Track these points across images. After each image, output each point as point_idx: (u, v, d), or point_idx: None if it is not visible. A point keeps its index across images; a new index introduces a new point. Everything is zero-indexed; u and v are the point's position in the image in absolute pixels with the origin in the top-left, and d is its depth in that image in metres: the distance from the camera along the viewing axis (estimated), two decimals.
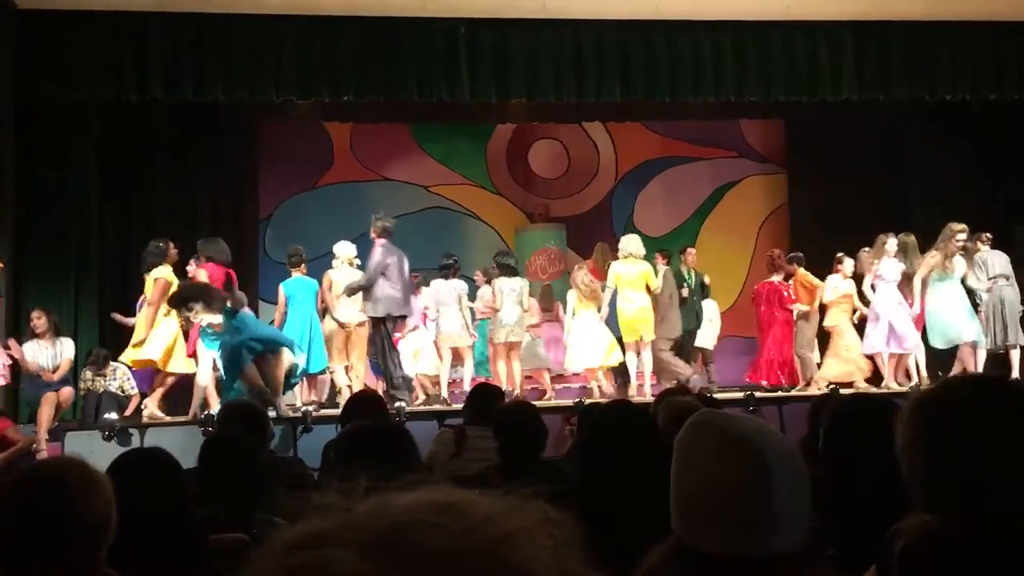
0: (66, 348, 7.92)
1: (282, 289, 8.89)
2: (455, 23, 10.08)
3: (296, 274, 8.88)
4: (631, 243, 9.24)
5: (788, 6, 10.16)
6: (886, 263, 9.08)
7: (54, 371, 7.74)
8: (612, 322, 9.15)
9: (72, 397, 7.81)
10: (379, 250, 8.40)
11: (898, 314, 8.98)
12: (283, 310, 8.76)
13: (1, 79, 9.30)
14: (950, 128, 11.61)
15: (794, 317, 9.66)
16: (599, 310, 9.10)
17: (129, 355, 7.82)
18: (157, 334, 7.67)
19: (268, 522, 2.67)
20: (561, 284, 11.08)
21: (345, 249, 9.03)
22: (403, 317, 8.78)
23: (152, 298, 7.64)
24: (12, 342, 7.95)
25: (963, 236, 8.91)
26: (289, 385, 7.79)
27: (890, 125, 12.23)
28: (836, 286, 9.47)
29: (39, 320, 7.80)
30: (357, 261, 8.99)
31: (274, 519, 2.69)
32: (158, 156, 11.39)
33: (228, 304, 7.34)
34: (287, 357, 7.55)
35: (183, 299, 7.30)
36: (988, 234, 9.53)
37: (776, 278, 9.81)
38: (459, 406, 8.66)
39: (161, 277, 7.71)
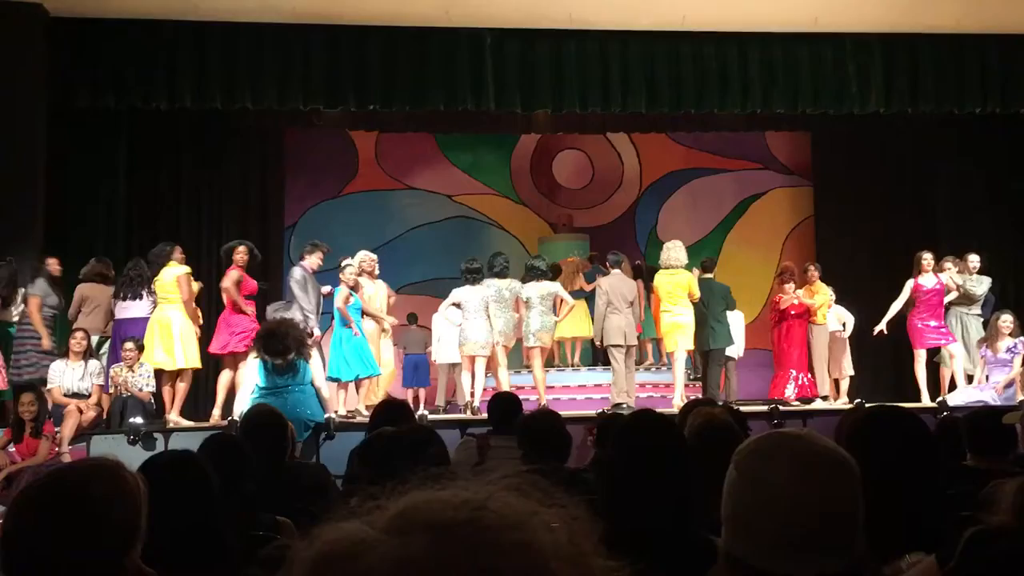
0: (93, 370, 7.82)
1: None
2: (481, 33, 10.11)
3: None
4: (671, 252, 8.94)
5: (816, 18, 10.12)
6: None
7: (83, 396, 7.70)
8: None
9: (94, 422, 7.72)
10: None
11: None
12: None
13: (33, 86, 9.42)
14: (978, 141, 11.51)
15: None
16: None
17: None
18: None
19: (271, 522, 2.72)
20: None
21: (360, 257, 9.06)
22: None
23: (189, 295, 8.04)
24: None
25: None
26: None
27: (918, 138, 12.14)
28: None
29: (83, 341, 7.77)
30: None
31: (277, 518, 2.75)
32: (185, 163, 11.51)
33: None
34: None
35: (301, 344, 7.21)
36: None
37: (790, 290, 9.69)
38: (454, 416, 8.65)
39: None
